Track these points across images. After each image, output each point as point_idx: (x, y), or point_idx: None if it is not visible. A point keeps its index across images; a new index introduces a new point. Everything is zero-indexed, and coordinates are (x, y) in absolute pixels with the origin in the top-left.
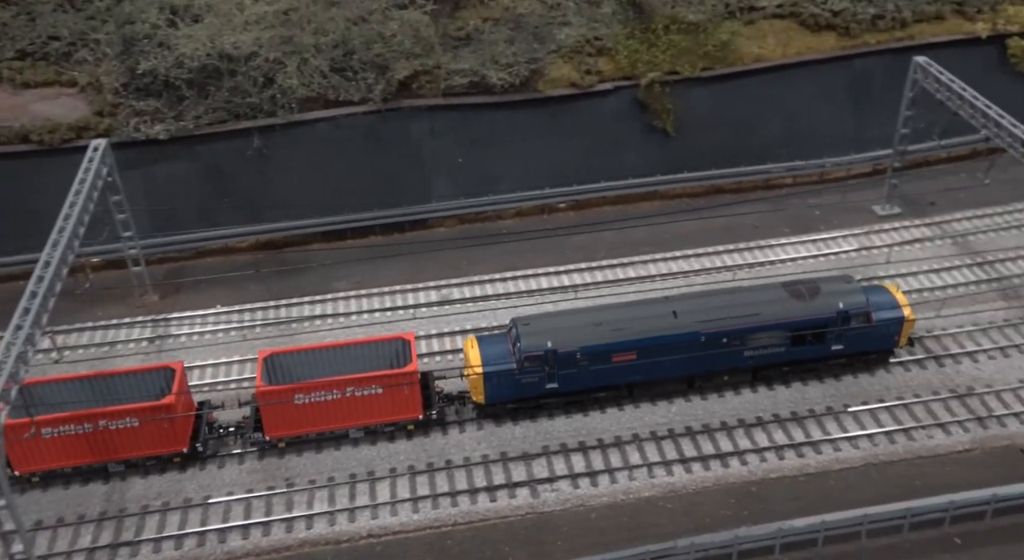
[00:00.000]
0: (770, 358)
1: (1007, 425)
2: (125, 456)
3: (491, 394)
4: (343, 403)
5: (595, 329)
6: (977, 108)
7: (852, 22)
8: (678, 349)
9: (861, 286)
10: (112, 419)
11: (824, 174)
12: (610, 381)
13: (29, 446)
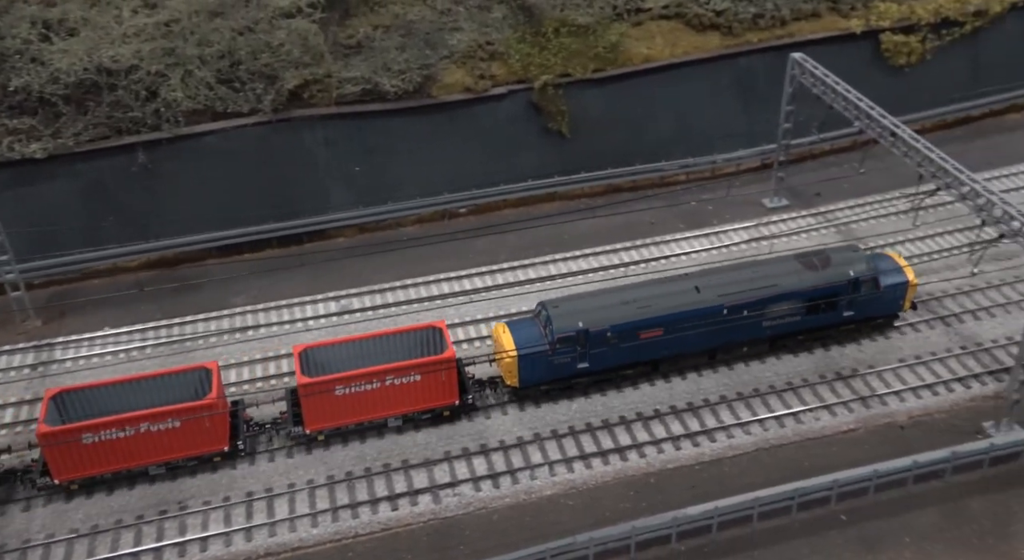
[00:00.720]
0: (787, 327)
1: (888, 403)
2: (166, 458)
3: (525, 377)
4: (382, 392)
5: (623, 307)
6: (850, 101)
7: (734, 21)
8: (702, 323)
9: (867, 254)
10: (154, 421)
11: (716, 170)
12: (638, 358)
13: (69, 454)
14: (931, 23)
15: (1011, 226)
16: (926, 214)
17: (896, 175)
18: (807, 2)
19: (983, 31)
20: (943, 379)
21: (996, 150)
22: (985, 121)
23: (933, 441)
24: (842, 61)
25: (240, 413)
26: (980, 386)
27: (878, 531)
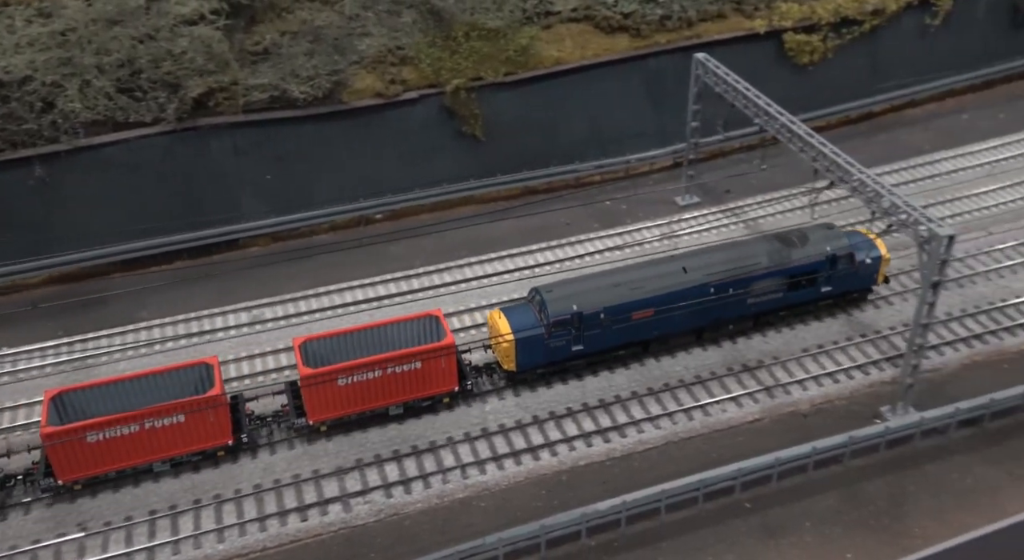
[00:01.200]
0: (770, 304)
1: (791, 393)
2: (171, 454)
3: (523, 361)
4: (384, 381)
5: (614, 289)
6: (750, 99)
7: (642, 23)
8: (690, 302)
9: (843, 231)
10: (159, 416)
11: (630, 170)
12: (630, 338)
13: (73, 453)
14: (831, 22)
15: (899, 218)
16: (829, 207)
17: (802, 171)
18: (712, 3)
19: (881, 29)
20: (843, 367)
21: (896, 144)
22: (886, 116)
23: (834, 427)
24: (749, 60)
25: (241, 407)
26: (878, 372)
27: (780, 517)
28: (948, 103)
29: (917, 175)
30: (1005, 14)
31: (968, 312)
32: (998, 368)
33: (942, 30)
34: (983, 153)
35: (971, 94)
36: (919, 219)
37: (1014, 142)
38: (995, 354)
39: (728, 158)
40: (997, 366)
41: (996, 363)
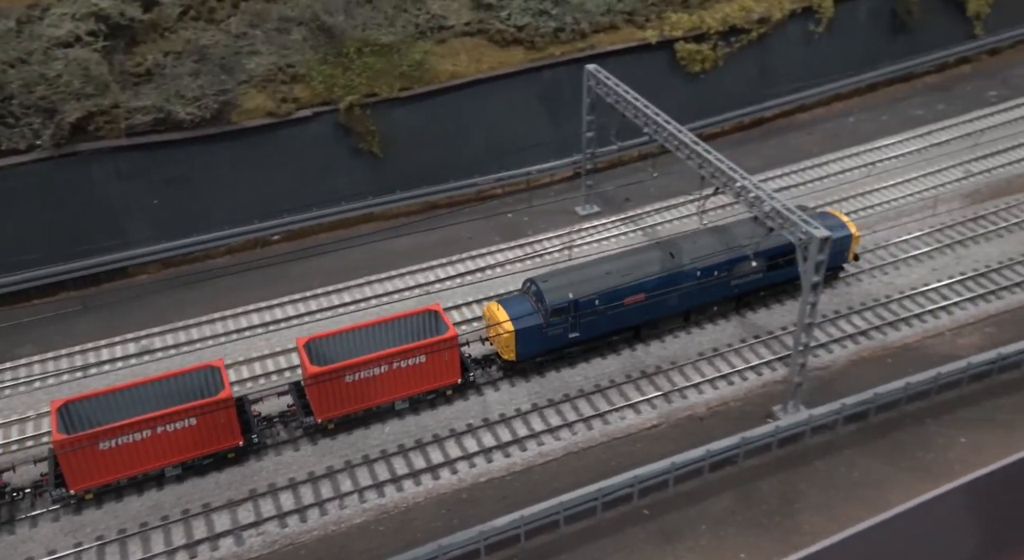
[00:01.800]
0: (751, 285)
1: (688, 397)
2: (183, 458)
3: (522, 350)
4: (389, 376)
5: (607, 277)
6: (639, 109)
7: (536, 36)
8: (674, 284)
9: (816, 213)
10: (171, 421)
11: (530, 181)
12: (623, 324)
13: (85, 461)
14: (720, 31)
15: (778, 222)
16: (719, 213)
17: (697, 177)
18: (604, 15)
19: (768, 37)
20: (737, 368)
21: (787, 147)
22: (777, 121)
23: (729, 429)
24: (644, 70)
25: (248, 409)
26: (770, 372)
27: (677, 522)
28: (835, 107)
29: (807, 177)
30: (885, 20)
31: (855, 309)
32: (883, 363)
33: (826, 36)
34: (868, 154)
35: (857, 97)
36: (796, 222)
37: (896, 143)
38: (880, 349)
39: (627, 167)
40: (882, 361)
41: (881, 358)
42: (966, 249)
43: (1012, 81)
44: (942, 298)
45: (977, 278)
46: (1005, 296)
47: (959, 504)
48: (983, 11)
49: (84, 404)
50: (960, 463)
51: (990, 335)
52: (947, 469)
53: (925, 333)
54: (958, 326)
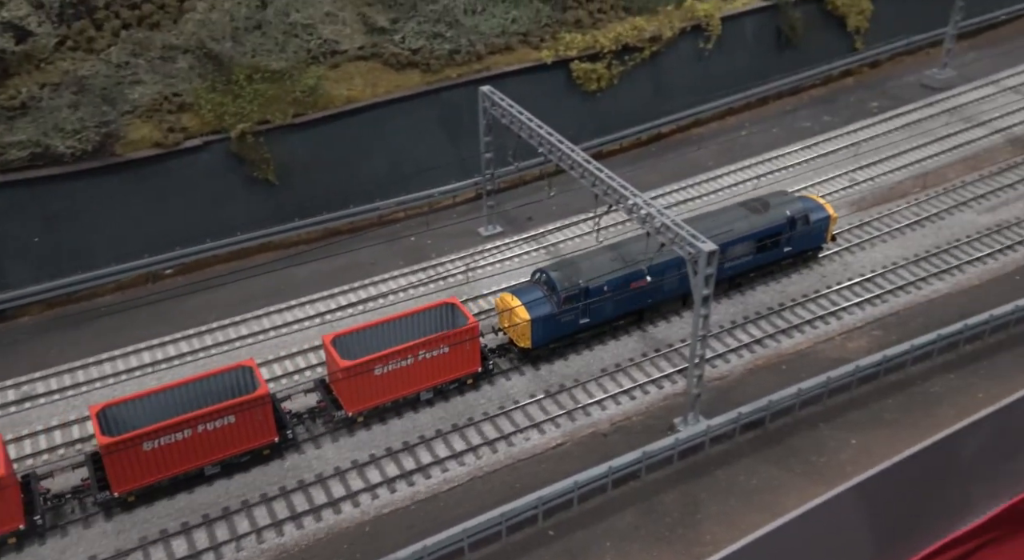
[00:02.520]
0: (742, 267)
1: (591, 414)
2: (222, 456)
3: (537, 338)
4: (415, 368)
5: (612, 263)
6: (533, 130)
7: (431, 59)
8: (676, 269)
9: (796, 197)
10: (211, 419)
11: (433, 204)
12: (629, 308)
13: (129, 463)
14: (613, 50)
15: (667, 236)
16: (615, 229)
17: (584, 196)
18: (499, 37)
19: (660, 55)
20: (639, 383)
21: (684, 162)
22: (674, 136)
23: (632, 443)
24: (541, 90)
25: (277, 406)
26: (671, 385)
27: (583, 541)
28: (729, 121)
29: (703, 190)
30: (771, 36)
31: (750, 318)
32: (778, 370)
33: (716, 53)
34: (759, 166)
35: (748, 111)
36: (685, 237)
37: (786, 154)
38: (774, 357)
39: (529, 186)
40: (777, 368)
41: (776, 365)
42: (852, 256)
43: (891, 92)
44: (832, 304)
45: (864, 283)
46: (890, 299)
47: (850, 505)
48: (863, 26)
49: (121, 408)
50: (851, 464)
51: (877, 338)
52: (839, 471)
53: (817, 339)
54: (847, 330)
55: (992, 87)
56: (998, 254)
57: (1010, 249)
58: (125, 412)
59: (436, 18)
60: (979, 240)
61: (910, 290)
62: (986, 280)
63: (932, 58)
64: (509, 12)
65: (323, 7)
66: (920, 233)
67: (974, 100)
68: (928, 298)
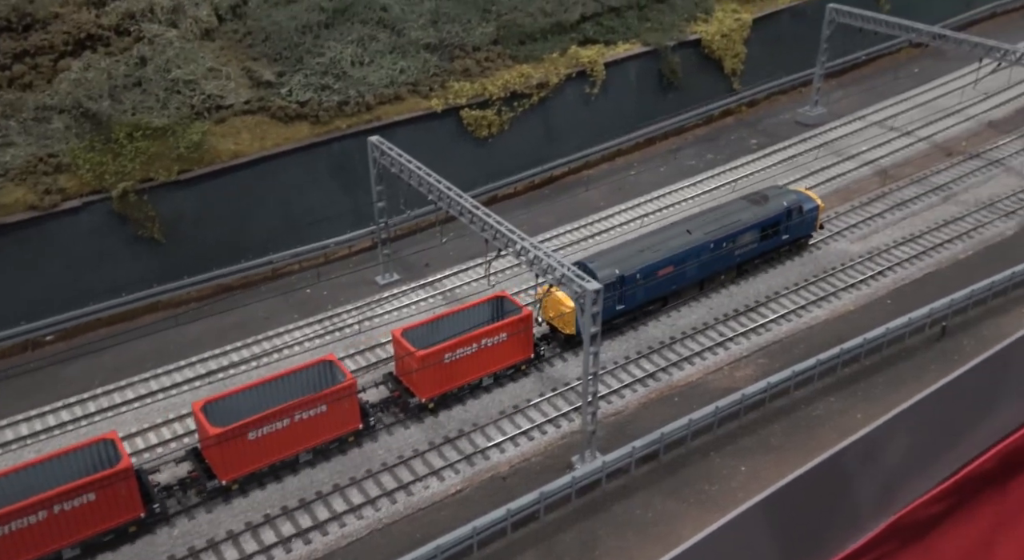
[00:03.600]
0: (748, 254)
1: (490, 457)
2: (314, 443)
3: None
4: (479, 355)
5: (642, 254)
6: (423, 178)
7: (320, 110)
8: (696, 257)
9: (789, 189)
10: (306, 408)
11: (328, 254)
12: (656, 294)
13: (234, 452)
14: (502, 97)
15: (555, 275)
16: (507, 272)
17: (475, 241)
18: (388, 87)
19: (549, 100)
20: (537, 423)
21: (576, 203)
22: (567, 178)
23: (531, 485)
24: (434, 138)
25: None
26: (568, 423)
27: None
28: (618, 161)
29: (596, 229)
30: (654, 79)
31: (643, 353)
32: (670, 402)
33: (602, 97)
34: (648, 204)
35: (637, 152)
36: (572, 279)
37: (672, 192)
38: (667, 389)
39: (426, 232)
40: (669, 400)
41: (668, 397)
42: (737, 287)
43: (769, 129)
44: (720, 335)
45: (748, 313)
46: (773, 328)
47: (740, 532)
48: (738, 68)
49: (220, 403)
50: (742, 491)
51: (762, 366)
52: (731, 498)
53: (706, 369)
54: (734, 360)
55: (859, 122)
56: (870, 280)
57: (880, 275)
58: (223, 407)
59: (323, 70)
60: (853, 267)
61: (791, 318)
62: (860, 305)
63: (804, 96)
64: (397, 63)
65: (206, 63)
66: (799, 262)
67: (844, 135)
68: (808, 325)
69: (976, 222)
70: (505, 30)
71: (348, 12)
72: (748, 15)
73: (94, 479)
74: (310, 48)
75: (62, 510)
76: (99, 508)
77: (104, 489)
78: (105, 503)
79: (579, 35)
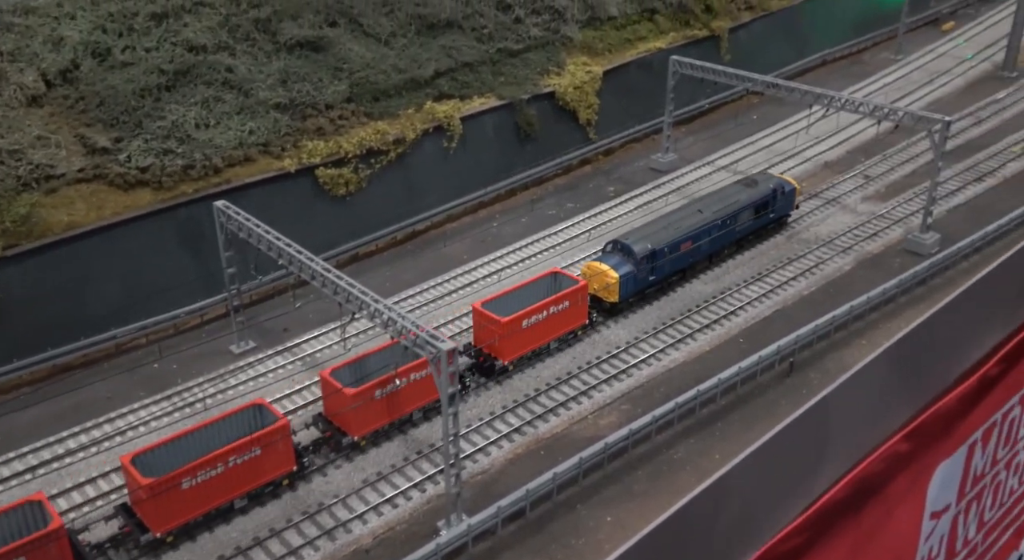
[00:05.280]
0: (746, 230)
1: (352, 530)
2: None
3: (623, 293)
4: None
5: (666, 230)
6: (273, 242)
7: (163, 176)
8: (709, 233)
9: (771, 175)
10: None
11: (179, 325)
12: (678, 266)
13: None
14: (358, 154)
15: (410, 338)
16: (364, 334)
17: (329, 307)
18: (237, 149)
19: (407, 156)
20: (401, 489)
21: (440, 257)
22: (430, 233)
23: (396, 556)
24: (289, 198)
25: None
26: (434, 486)
27: None
28: (481, 214)
29: (459, 284)
30: (512, 131)
31: (508, 407)
32: (537, 456)
33: (461, 150)
34: (511, 255)
35: (498, 203)
36: (427, 340)
37: (534, 242)
38: (533, 442)
39: (284, 296)
40: (536, 454)
41: (535, 451)
42: (599, 334)
43: (625, 176)
44: (583, 384)
45: (610, 360)
46: (634, 373)
47: None
48: (592, 118)
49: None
50: (608, 542)
51: (626, 412)
52: (597, 550)
53: (571, 420)
54: (598, 408)
55: (708, 167)
56: (723, 320)
57: (733, 315)
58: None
59: (165, 134)
60: (707, 308)
61: (652, 362)
62: (715, 345)
63: (657, 143)
64: (245, 124)
65: (33, 131)
66: (657, 306)
67: (694, 179)
68: (668, 368)
69: (817, 259)
70: (358, 87)
71: (191, 74)
72: (599, 68)
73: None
74: (150, 112)
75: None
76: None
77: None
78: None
79: (434, 90)
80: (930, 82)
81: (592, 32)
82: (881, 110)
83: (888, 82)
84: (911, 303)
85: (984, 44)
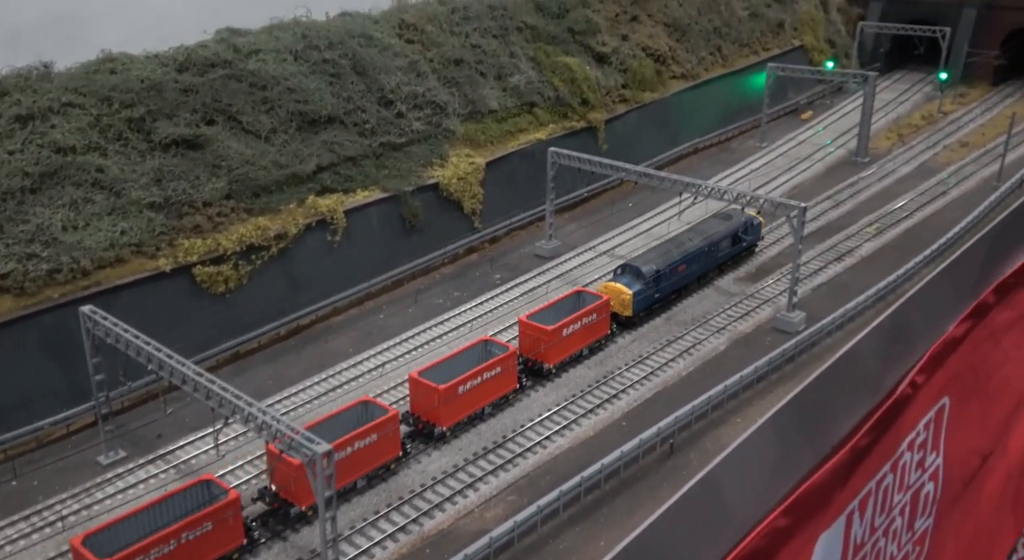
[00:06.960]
0: (725, 255)
1: None
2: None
3: (636, 307)
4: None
5: (665, 255)
6: (142, 347)
7: (26, 281)
8: (698, 257)
9: (739, 210)
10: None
11: (42, 437)
12: (675, 286)
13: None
14: (238, 251)
15: (285, 441)
16: (239, 440)
17: (204, 411)
18: (108, 250)
19: (290, 250)
20: None
21: (325, 352)
22: (314, 327)
23: None
24: (164, 299)
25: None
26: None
27: None
28: (368, 305)
29: (346, 377)
30: (397, 223)
31: (392, 505)
32: (422, 555)
33: (346, 243)
34: (398, 346)
35: (385, 294)
36: (303, 443)
37: (421, 332)
38: (419, 541)
39: (159, 400)
40: (421, 553)
41: (420, 550)
42: (485, 424)
43: (511, 263)
44: (469, 476)
45: (496, 450)
46: (520, 462)
47: None
48: (477, 208)
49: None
50: None
51: (512, 503)
52: None
53: (457, 514)
54: (484, 501)
55: (590, 252)
56: (606, 404)
57: (615, 398)
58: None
59: (29, 238)
60: (591, 392)
61: (537, 450)
62: (599, 430)
63: (541, 230)
64: (117, 224)
65: None
66: (543, 392)
67: (577, 265)
68: (553, 455)
69: (695, 339)
70: (238, 184)
71: (58, 175)
72: (481, 159)
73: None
74: (12, 215)
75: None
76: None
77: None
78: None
79: (316, 185)
80: (791, 168)
81: (474, 125)
82: (744, 197)
83: (754, 168)
84: (782, 380)
85: (839, 131)
